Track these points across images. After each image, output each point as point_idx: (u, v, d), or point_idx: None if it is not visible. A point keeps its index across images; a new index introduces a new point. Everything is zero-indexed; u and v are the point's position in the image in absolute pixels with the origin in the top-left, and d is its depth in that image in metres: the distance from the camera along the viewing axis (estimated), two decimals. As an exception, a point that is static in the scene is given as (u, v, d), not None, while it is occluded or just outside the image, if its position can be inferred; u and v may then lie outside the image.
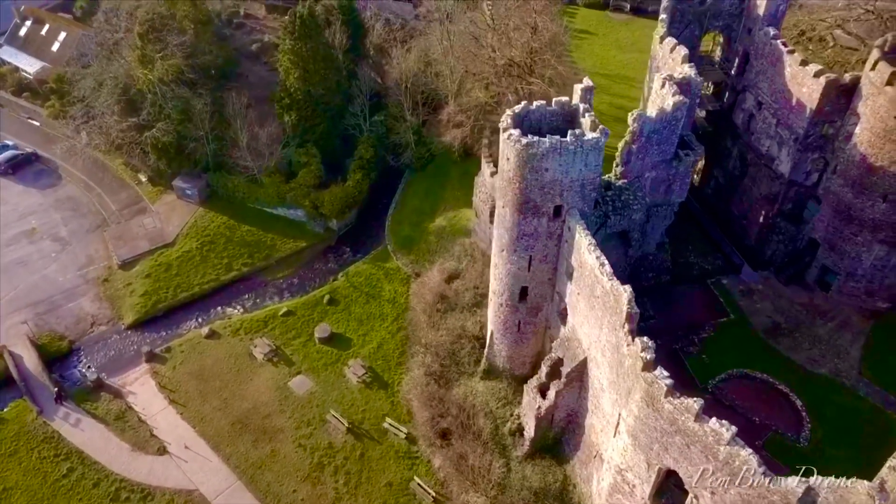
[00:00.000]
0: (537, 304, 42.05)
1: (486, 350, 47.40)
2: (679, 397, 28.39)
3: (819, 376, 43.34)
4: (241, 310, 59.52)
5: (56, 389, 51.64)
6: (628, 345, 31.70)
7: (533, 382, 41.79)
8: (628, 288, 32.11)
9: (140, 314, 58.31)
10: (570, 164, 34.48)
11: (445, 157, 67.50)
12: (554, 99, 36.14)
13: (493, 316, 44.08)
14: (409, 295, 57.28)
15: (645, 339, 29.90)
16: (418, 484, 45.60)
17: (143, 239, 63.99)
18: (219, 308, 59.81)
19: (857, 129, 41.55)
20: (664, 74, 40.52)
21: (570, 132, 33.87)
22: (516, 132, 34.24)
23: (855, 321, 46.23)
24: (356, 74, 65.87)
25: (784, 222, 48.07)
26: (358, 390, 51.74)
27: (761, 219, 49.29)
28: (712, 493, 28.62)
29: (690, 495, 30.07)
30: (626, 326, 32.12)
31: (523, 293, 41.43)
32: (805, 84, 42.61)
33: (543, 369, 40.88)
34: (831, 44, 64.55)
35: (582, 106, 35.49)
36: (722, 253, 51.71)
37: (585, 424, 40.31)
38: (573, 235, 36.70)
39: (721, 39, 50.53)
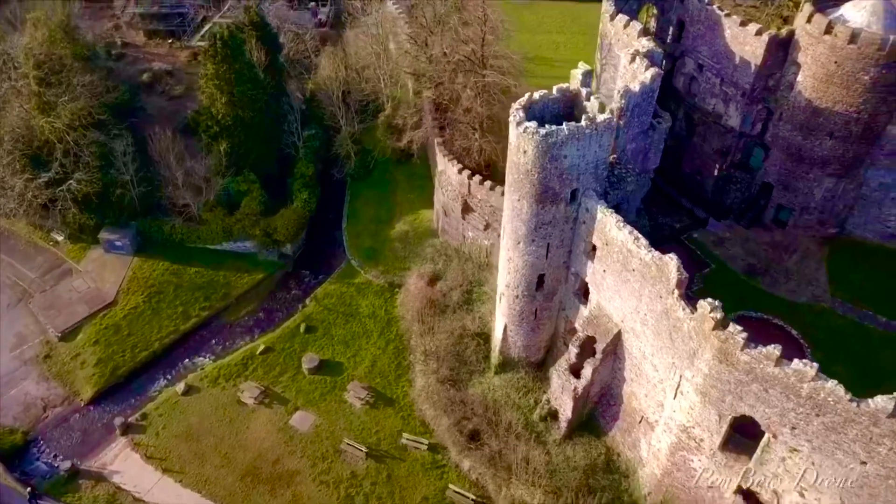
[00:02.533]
0: (553, 288, 42.70)
1: (498, 344, 47.38)
2: (755, 347, 30.12)
3: (802, 305, 47.52)
4: (212, 357, 55.46)
5: (28, 489, 45.72)
6: (684, 309, 33.19)
7: (563, 364, 42.48)
8: (674, 256, 33.55)
9: (99, 385, 52.66)
10: (587, 148, 35.25)
11: (387, 162, 66.33)
12: (555, 87, 36.68)
13: (508, 309, 44.17)
14: (395, 306, 56.00)
15: (710, 299, 31.38)
16: (455, 491, 45.14)
17: (78, 304, 57.52)
18: (186, 361, 55.28)
19: (799, 77, 45.69)
20: (631, 50, 42.27)
21: (584, 116, 34.60)
22: (532, 124, 34.39)
23: (813, 249, 51.02)
24: (284, 91, 62.86)
25: (739, 172, 52.02)
26: (364, 412, 50.13)
27: (716, 171, 52.99)
28: (793, 427, 30.67)
29: (767, 434, 32.04)
30: (676, 292, 33.60)
31: (540, 281, 41.89)
32: (747, 43, 46.14)
33: (573, 350, 41.66)
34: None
35: (585, 90, 36.29)
36: (685, 210, 55.11)
37: (623, 394, 41.67)
38: (592, 216, 37.63)
39: (655, 11, 53.46)
